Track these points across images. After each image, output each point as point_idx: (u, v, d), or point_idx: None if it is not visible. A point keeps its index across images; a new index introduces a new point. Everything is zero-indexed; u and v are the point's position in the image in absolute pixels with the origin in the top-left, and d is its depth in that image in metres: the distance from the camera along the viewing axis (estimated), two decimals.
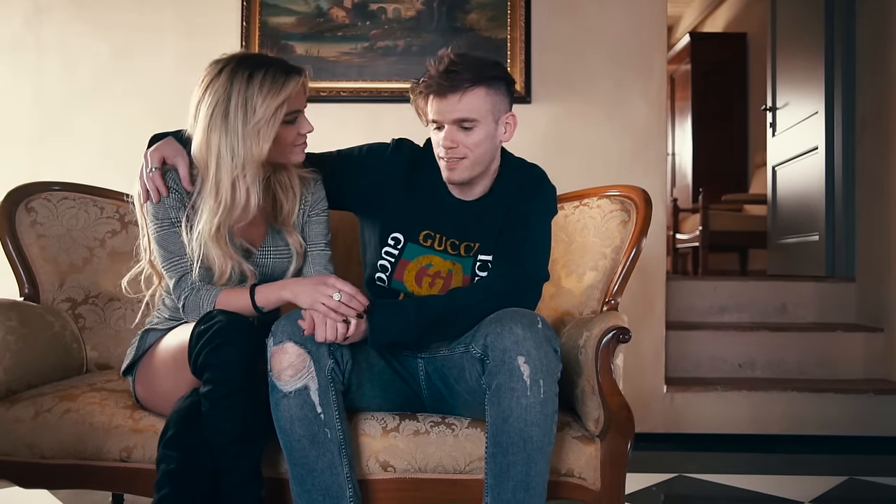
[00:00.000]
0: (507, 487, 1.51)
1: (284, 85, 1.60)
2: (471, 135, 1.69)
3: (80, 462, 1.71)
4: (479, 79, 1.67)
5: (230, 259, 1.65)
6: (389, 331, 1.62)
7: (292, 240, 1.76)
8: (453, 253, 1.78)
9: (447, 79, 1.65)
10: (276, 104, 1.59)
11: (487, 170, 1.77)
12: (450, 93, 1.66)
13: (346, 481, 1.57)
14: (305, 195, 1.80)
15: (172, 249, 1.66)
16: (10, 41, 3.10)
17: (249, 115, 1.57)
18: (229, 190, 1.61)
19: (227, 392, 1.52)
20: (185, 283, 1.66)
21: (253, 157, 1.59)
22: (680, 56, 6.94)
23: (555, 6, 3.12)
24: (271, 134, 1.59)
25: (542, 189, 1.80)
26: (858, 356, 3.48)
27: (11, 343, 1.83)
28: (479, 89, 1.67)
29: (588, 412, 1.67)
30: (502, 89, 1.72)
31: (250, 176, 1.61)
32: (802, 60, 4.29)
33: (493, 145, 1.73)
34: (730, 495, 2.54)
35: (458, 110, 1.67)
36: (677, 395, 3.24)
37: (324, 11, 3.10)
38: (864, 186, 3.81)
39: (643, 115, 3.14)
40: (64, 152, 3.08)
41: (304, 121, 1.68)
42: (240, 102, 1.57)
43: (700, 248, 5.26)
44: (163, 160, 1.67)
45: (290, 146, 1.68)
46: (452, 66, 1.66)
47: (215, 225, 1.61)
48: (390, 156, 1.83)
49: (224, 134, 1.58)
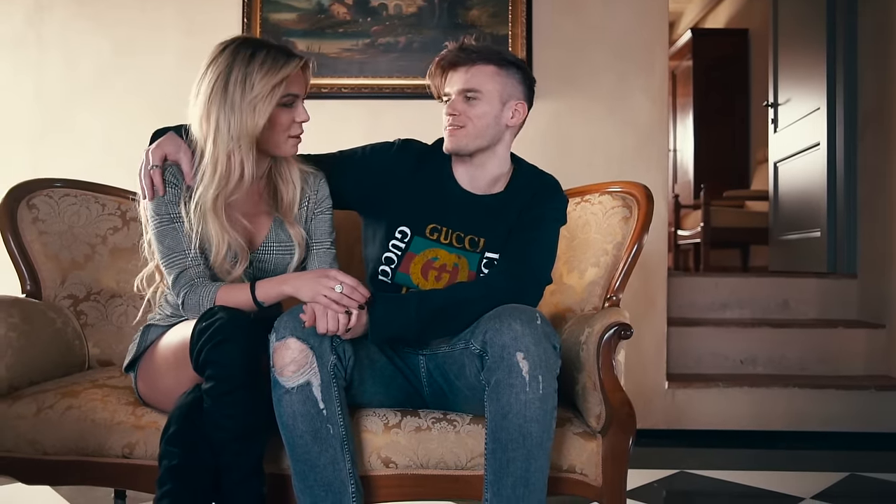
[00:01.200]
0: (507, 483, 1.51)
1: (284, 65, 1.63)
2: (474, 106, 1.75)
3: (82, 458, 1.72)
4: (491, 57, 1.77)
5: (226, 233, 1.66)
6: (390, 325, 1.62)
7: (294, 232, 1.77)
8: (458, 246, 1.79)
9: (460, 53, 1.76)
10: (274, 82, 1.62)
11: (494, 155, 1.80)
12: (460, 65, 1.76)
13: (349, 477, 1.57)
14: (307, 191, 1.80)
15: (171, 246, 1.67)
16: (12, 38, 3.10)
17: (248, 90, 1.61)
18: (225, 162, 1.63)
19: (229, 388, 1.52)
20: (184, 279, 1.66)
21: (248, 131, 1.62)
22: (682, 52, 6.93)
23: (556, 2, 3.12)
24: (267, 110, 1.62)
25: (556, 197, 1.83)
26: (860, 352, 3.48)
27: (13, 340, 1.83)
28: (488, 66, 1.76)
29: (590, 408, 1.67)
30: (515, 76, 1.79)
31: (245, 148, 1.63)
32: (804, 56, 4.29)
33: (496, 124, 1.78)
34: (731, 491, 2.54)
35: (464, 80, 1.76)
36: (679, 392, 3.24)
37: (325, 8, 3.10)
38: (865, 183, 3.81)
39: (645, 111, 3.14)
40: (65, 149, 3.08)
41: (301, 108, 1.70)
42: (239, 78, 1.61)
43: (702, 244, 5.26)
44: (164, 157, 1.68)
45: (284, 133, 1.69)
46: (468, 44, 1.77)
47: (212, 195, 1.64)
48: (396, 153, 1.85)
49: (222, 107, 1.62)
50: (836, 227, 3.99)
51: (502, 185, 1.83)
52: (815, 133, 4.15)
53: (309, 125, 1.73)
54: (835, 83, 4.00)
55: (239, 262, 1.68)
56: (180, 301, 1.66)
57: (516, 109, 1.79)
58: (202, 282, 1.65)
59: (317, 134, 3.01)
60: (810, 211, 4.20)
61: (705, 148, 6.62)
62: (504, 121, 1.78)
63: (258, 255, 1.75)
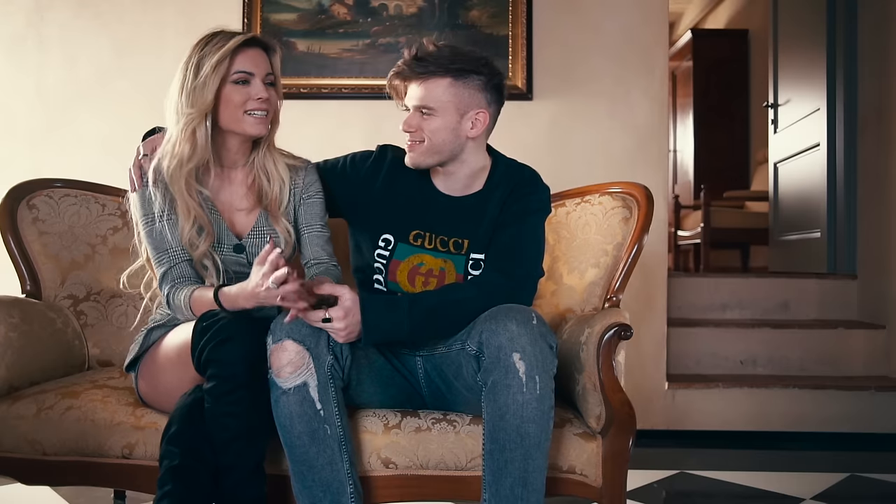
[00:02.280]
0: (506, 484, 1.51)
1: (228, 42, 1.70)
2: (429, 121, 1.71)
3: (82, 459, 1.72)
4: (444, 69, 1.69)
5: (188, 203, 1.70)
6: (382, 326, 1.60)
7: (279, 227, 1.79)
8: (443, 250, 1.79)
9: (412, 65, 1.70)
10: (217, 57, 1.69)
11: (461, 162, 1.77)
12: (413, 79, 1.71)
13: (347, 477, 1.57)
14: (296, 180, 1.84)
15: (158, 245, 1.72)
16: (12, 38, 3.10)
17: (199, 71, 1.70)
18: (179, 135, 1.71)
19: (231, 388, 1.52)
20: (167, 279, 1.72)
21: (198, 106, 1.69)
22: (682, 53, 6.93)
23: (556, 3, 3.11)
24: (213, 85, 1.69)
25: (537, 188, 1.81)
26: (860, 353, 3.48)
27: (13, 340, 1.83)
28: (441, 79, 1.70)
29: (590, 409, 1.67)
30: (474, 83, 1.72)
31: (197, 121, 1.70)
32: (804, 57, 4.29)
33: (455, 138, 1.73)
34: (731, 492, 2.54)
35: (418, 96, 1.71)
36: (679, 392, 3.24)
37: (325, 8, 3.10)
38: (865, 183, 3.80)
39: (645, 112, 3.13)
40: (65, 149, 3.08)
41: (258, 85, 1.73)
42: (194, 62, 1.71)
43: (702, 244, 5.26)
44: (154, 150, 1.75)
45: (240, 111, 1.73)
46: (422, 54, 1.70)
47: (172, 165, 1.70)
48: (373, 163, 1.85)
49: (181, 90, 1.71)
50: (836, 227, 3.98)
51: (481, 184, 1.81)
52: (814, 134, 4.15)
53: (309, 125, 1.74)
54: (835, 84, 4.00)
55: (205, 235, 1.72)
56: (165, 300, 1.72)
57: (476, 119, 1.73)
58: (183, 282, 1.70)
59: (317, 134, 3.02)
60: (810, 212, 4.20)
61: (705, 148, 6.62)
62: (463, 133, 1.73)
63: (248, 241, 1.78)
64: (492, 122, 1.78)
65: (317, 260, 1.82)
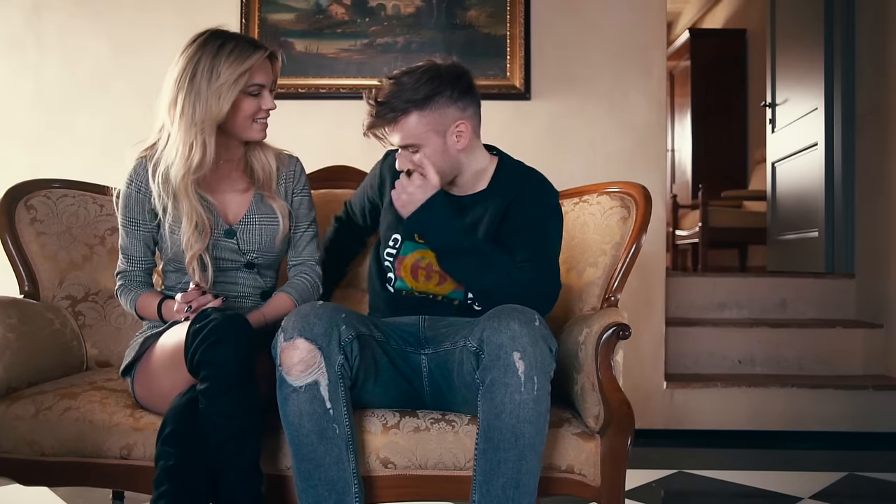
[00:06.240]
0: (497, 484, 1.51)
1: (250, 55, 1.73)
2: (419, 155, 1.77)
3: (80, 459, 1.72)
4: (407, 107, 1.73)
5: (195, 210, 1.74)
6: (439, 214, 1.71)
7: (277, 204, 1.86)
8: None
9: (378, 112, 1.75)
10: (239, 71, 1.71)
11: (463, 171, 1.82)
12: (384, 124, 1.76)
13: (352, 477, 1.57)
14: (283, 169, 1.90)
15: (125, 246, 1.83)
16: (10, 39, 3.09)
17: (214, 79, 1.71)
18: (189, 144, 1.73)
19: (224, 388, 1.53)
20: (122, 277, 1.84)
21: (212, 116, 1.71)
22: (679, 52, 6.93)
23: (555, 2, 3.12)
24: (231, 97, 1.72)
25: (550, 192, 1.85)
26: (858, 352, 3.48)
27: (12, 341, 1.83)
28: (409, 117, 1.74)
29: (588, 408, 1.67)
30: (441, 101, 1.74)
31: (207, 132, 1.73)
32: (802, 57, 4.29)
33: (448, 156, 1.78)
34: (730, 491, 2.55)
35: (398, 138, 1.77)
36: (677, 392, 3.25)
37: (323, 8, 3.10)
38: (863, 182, 3.81)
39: (643, 112, 3.14)
40: (64, 150, 3.08)
41: (267, 97, 1.79)
42: (207, 66, 1.71)
43: (700, 244, 5.26)
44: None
45: (250, 120, 1.78)
46: (382, 98, 1.74)
47: (180, 175, 1.73)
48: (380, 169, 1.96)
49: (189, 93, 1.71)
50: (834, 227, 3.99)
51: (485, 183, 1.85)
52: (812, 133, 4.15)
53: (307, 125, 1.75)
54: (832, 83, 4.00)
55: (202, 237, 1.76)
56: (116, 288, 1.85)
57: (459, 132, 1.77)
58: (133, 285, 1.82)
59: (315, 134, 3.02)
60: (808, 211, 4.21)
61: (703, 148, 6.62)
62: (452, 149, 1.78)
63: (240, 227, 1.82)
64: (475, 123, 1.81)
65: (298, 260, 1.92)
